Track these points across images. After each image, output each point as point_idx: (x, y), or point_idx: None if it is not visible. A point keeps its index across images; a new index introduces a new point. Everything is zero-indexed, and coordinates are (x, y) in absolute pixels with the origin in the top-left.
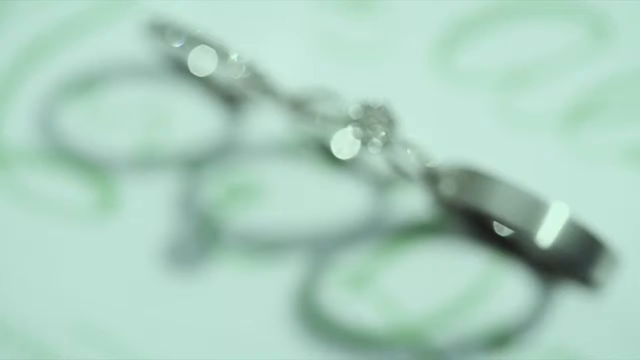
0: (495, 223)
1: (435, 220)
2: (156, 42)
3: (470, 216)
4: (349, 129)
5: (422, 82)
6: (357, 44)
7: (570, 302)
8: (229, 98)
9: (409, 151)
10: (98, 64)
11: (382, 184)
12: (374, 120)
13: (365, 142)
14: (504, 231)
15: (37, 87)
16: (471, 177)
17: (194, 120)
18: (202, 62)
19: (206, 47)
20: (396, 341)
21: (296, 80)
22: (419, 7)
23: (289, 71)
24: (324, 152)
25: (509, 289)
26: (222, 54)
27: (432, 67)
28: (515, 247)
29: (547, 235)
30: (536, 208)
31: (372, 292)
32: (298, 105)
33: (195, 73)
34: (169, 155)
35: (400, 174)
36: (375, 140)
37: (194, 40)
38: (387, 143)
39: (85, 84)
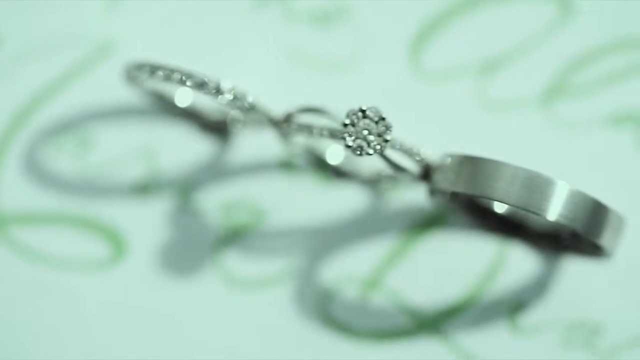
0: (495, 203)
1: (436, 213)
2: (137, 82)
3: (469, 203)
4: (343, 137)
5: (400, 83)
6: (330, 55)
7: (582, 271)
8: (217, 124)
9: (402, 151)
10: (86, 114)
11: (380, 187)
12: (366, 127)
13: (360, 149)
14: (503, 209)
15: (27, 144)
16: (465, 165)
17: (185, 150)
18: (184, 93)
19: (186, 78)
20: (420, 335)
21: (275, 97)
22: (386, 11)
23: (267, 89)
24: (318, 164)
25: (521, 267)
26: (201, 82)
27: (407, 68)
28: (518, 226)
29: (552, 209)
30: (536, 184)
31: (387, 293)
32: (286, 122)
33: (179, 105)
34: (166, 188)
35: (396, 173)
36: (370, 145)
37: (173, 74)
38: (381, 147)
39: (77, 135)
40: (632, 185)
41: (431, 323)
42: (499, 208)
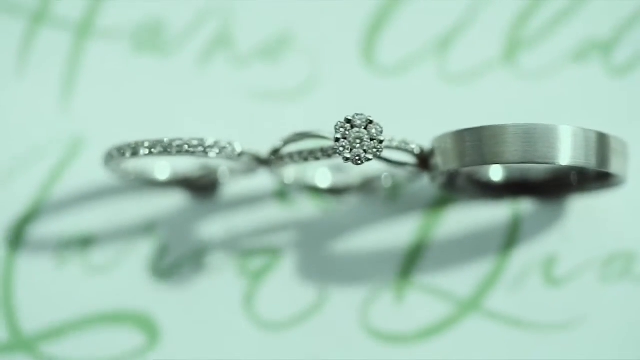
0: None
1: (443, 197)
2: (119, 167)
3: (469, 179)
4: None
5: (363, 87)
6: (287, 83)
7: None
8: (203, 182)
9: (396, 147)
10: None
11: (376, 190)
12: (358, 135)
13: (358, 157)
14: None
15: (29, 261)
16: (462, 140)
17: (183, 216)
18: (162, 166)
19: (168, 146)
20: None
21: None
22: (328, 26)
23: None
24: (311, 191)
25: (538, 223)
26: (186, 145)
27: (366, 71)
28: (521, 186)
29: (563, 155)
30: (539, 135)
31: (420, 287)
32: (275, 157)
33: (161, 178)
34: (178, 259)
35: (396, 170)
36: (367, 152)
37: (155, 146)
38: (378, 150)
39: (76, 237)
40: (613, 110)
41: (473, 303)
42: (496, 176)
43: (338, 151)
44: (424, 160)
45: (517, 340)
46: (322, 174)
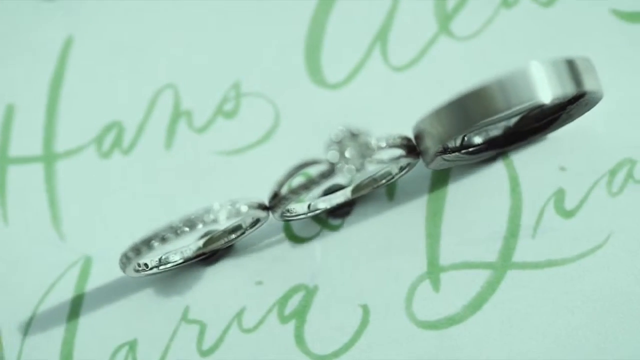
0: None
1: (441, 174)
2: (134, 266)
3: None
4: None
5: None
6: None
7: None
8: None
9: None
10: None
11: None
12: (350, 149)
13: (361, 167)
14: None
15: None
16: (443, 114)
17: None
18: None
19: (181, 227)
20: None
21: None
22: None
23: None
24: (318, 218)
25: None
26: (196, 220)
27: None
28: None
29: (542, 92)
30: (515, 81)
31: (452, 269)
32: (277, 201)
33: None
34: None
35: (391, 165)
36: (367, 160)
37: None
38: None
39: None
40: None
41: (504, 263)
42: (479, 139)
43: (337, 170)
44: (413, 149)
45: (557, 278)
46: (320, 199)
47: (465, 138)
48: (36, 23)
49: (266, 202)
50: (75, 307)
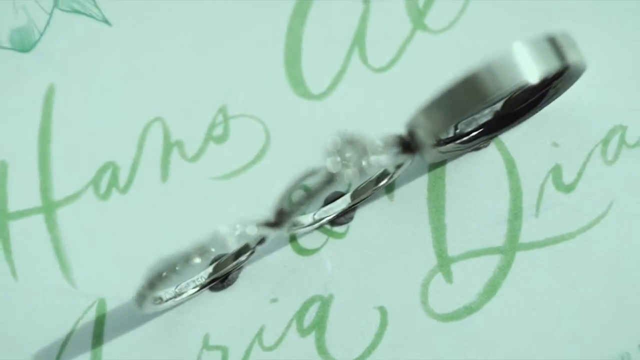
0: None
1: (437, 169)
2: (150, 301)
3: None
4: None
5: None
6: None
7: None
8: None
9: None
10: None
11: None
12: (350, 154)
13: (364, 171)
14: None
15: None
16: (435, 108)
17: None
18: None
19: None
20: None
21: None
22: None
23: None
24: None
25: (528, 143)
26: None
27: (299, 101)
28: (494, 124)
29: (528, 72)
30: (502, 64)
31: (461, 258)
32: (282, 216)
33: (189, 293)
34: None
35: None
36: (370, 163)
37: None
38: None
39: None
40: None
41: (512, 245)
42: (471, 127)
43: (338, 177)
44: (408, 145)
45: (566, 253)
46: (325, 208)
47: (458, 128)
48: (15, 76)
49: (272, 219)
50: (97, 351)
